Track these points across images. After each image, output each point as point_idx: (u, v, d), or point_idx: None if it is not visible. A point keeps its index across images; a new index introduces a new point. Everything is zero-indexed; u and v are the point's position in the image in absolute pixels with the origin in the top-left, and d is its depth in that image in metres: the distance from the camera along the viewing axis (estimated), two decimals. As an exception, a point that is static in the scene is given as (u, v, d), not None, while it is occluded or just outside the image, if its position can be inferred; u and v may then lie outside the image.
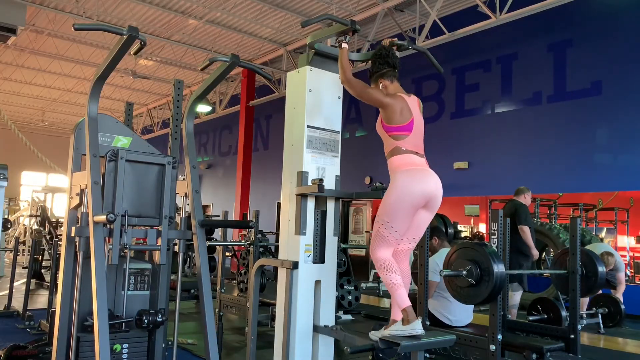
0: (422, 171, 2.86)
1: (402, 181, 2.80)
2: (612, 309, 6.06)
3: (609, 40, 8.32)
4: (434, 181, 2.86)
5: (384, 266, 2.82)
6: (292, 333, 3.06)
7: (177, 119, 3.36)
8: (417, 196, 2.79)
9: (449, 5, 10.07)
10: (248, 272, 5.56)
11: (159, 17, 11.40)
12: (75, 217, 2.89)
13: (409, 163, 2.85)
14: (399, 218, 2.80)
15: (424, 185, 2.81)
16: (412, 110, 2.94)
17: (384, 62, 3.04)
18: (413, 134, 2.90)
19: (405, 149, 2.87)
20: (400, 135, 2.89)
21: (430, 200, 2.86)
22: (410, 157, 2.87)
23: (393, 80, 3.06)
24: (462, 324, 4.12)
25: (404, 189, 2.79)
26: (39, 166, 19.10)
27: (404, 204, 2.78)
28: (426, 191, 2.81)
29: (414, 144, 2.91)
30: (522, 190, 6.02)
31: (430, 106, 10.74)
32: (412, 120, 2.90)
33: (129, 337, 2.78)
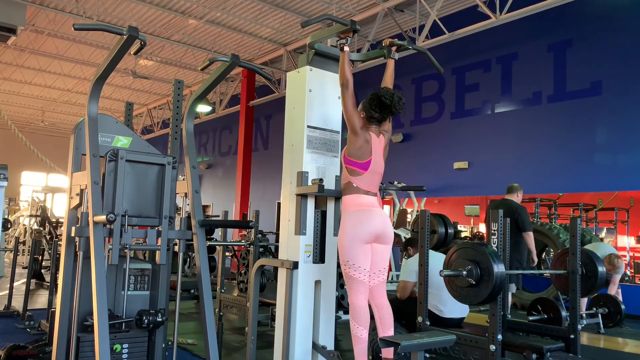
0: (368, 212, 3.01)
1: (350, 224, 2.99)
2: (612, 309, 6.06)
3: (609, 40, 8.32)
4: (380, 220, 3.04)
5: (355, 316, 2.97)
6: (292, 333, 3.06)
7: (177, 119, 3.36)
8: (365, 235, 2.97)
9: (449, 5, 10.07)
10: (248, 272, 5.56)
11: (159, 17, 11.40)
12: (75, 217, 2.89)
13: (357, 204, 3.02)
14: (358, 256, 2.97)
15: (370, 226, 2.98)
16: (373, 151, 3.05)
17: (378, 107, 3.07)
18: (369, 173, 3.04)
19: (357, 187, 3.03)
20: (355, 171, 3.04)
21: (380, 236, 3.05)
22: (360, 197, 3.03)
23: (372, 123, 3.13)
24: (457, 315, 4.12)
25: (352, 231, 2.97)
26: (39, 166, 19.09)
27: (356, 243, 2.96)
28: (374, 229, 3.00)
29: (368, 182, 3.05)
30: (516, 188, 5.92)
31: (430, 106, 10.74)
32: (370, 160, 3.04)
33: (129, 337, 2.78)
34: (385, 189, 6.59)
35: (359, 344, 2.95)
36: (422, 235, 3.93)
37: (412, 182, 8.86)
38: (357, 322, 2.95)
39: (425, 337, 2.75)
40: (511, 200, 5.89)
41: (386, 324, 3.04)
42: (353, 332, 2.97)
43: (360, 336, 2.94)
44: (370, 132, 3.08)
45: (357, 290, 2.97)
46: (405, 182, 8.05)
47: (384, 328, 3.03)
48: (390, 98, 3.03)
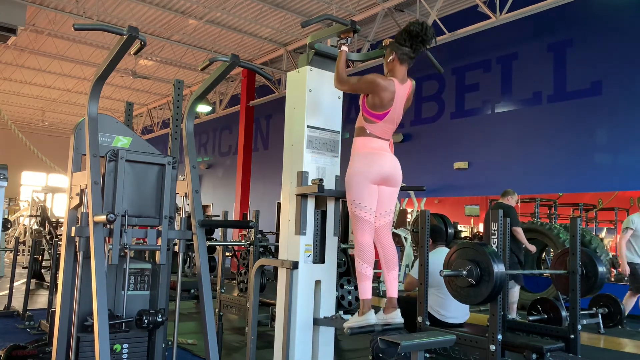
0: (378, 155, 3.01)
1: (359, 164, 3.01)
2: (612, 309, 6.06)
3: (609, 40, 8.32)
4: (389, 163, 3.04)
5: (361, 253, 2.97)
6: (292, 333, 3.06)
7: (177, 119, 3.36)
8: (373, 176, 2.98)
9: (449, 5, 10.07)
10: (248, 272, 5.56)
11: (159, 17, 11.40)
12: (75, 217, 2.89)
13: (367, 146, 3.03)
14: (365, 195, 2.97)
15: (379, 167, 2.99)
16: (395, 101, 3.03)
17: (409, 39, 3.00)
18: (384, 122, 3.04)
19: (370, 132, 3.04)
20: (371, 120, 3.03)
21: (389, 178, 3.05)
22: (371, 140, 3.03)
23: (403, 62, 3.08)
24: (457, 320, 4.12)
25: (360, 171, 2.99)
26: (39, 166, 19.09)
27: (363, 183, 2.97)
28: (382, 171, 3.00)
29: (382, 130, 3.06)
30: (508, 193, 6.33)
31: (430, 106, 10.74)
32: (389, 111, 3.02)
33: (129, 337, 2.78)
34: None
35: (364, 281, 2.96)
36: (422, 235, 3.93)
37: (412, 182, 8.84)
38: (362, 260, 2.96)
39: (425, 337, 2.76)
40: (502, 203, 6.28)
41: (391, 263, 3.06)
42: (358, 269, 2.97)
43: (365, 273, 2.95)
44: (394, 80, 3.03)
45: (362, 229, 2.98)
46: (405, 182, 8.02)
47: (388, 267, 3.05)
48: (420, 26, 2.97)
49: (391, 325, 2.96)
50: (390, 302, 2.99)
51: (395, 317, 2.94)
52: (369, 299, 2.95)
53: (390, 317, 2.94)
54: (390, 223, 3.13)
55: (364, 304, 2.94)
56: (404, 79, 3.09)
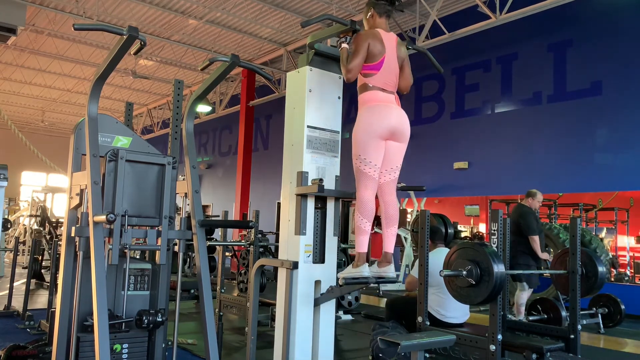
0: (385, 107, 3.02)
1: (366, 117, 3.00)
2: (613, 309, 6.06)
3: (609, 40, 8.32)
4: (396, 115, 3.04)
5: (361, 208, 2.98)
6: (292, 333, 3.06)
7: (177, 119, 3.36)
8: (381, 130, 2.98)
9: (449, 5, 10.07)
10: (248, 272, 5.56)
11: (159, 17, 11.40)
12: (75, 217, 2.89)
13: (373, 99, 3.03)
14: (371, 150, 2.98)
15: (386, 120, 2.99)
16: (386, 48, 3.04)
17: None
18: (382, 72, 3.04)
19: (372, 86, 3.04)
20: (369, 73, 3.05)
21: (396, 132, 3.05)
22: (376, 93, 3.04)
23: (382, 15, 3.14)
24: (457, 320, 4.12)
25: (367, 125, 2.98)
26: (39, 166, 19.09)
27: (370, 137, 2.97)
28: (389, 125, 3.00)
29: (383, 81, 3.06)
30: (529, 194, 6.05)
31: (430, 106, 10.74)
32: (383, 59, 3.03)
33: (129, 337, 2.78)
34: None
35: (362, 235, 3.00)
36: (422, 235, 3.93)
37: (412, 182, 8.83)
38: (362, 214, 2.97)
39: (425, 337, 2.76)
40: (522, 205, 6.04)
41: (391, 219, 3.08)
42: (357, 223, 2.99)
43: (364, 228, 2.98)
44: (379, 30, 3.06)
45: (365, 185, 2.99)
46: (405, 182, 8.03)
47: (388, 223, 3.08)
48: None
49: (384, 278, 3.05)
50: (385, 256, 3.05)
51: (389, 271, 3.02)
52: (364, 252, 3.00)
53: (384, 271, 3.02)
54: (396, 180, 3.14)
55: (359, 257, 3.00)
56: (387, 29, 3.13)
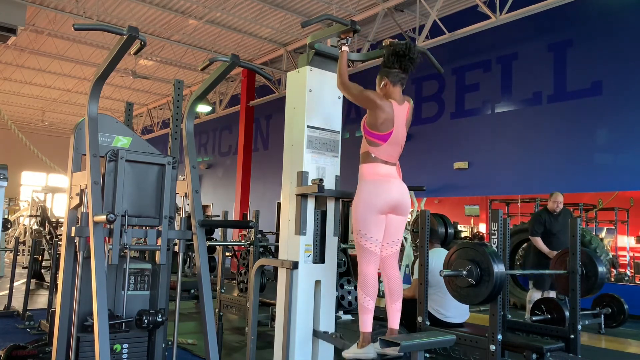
0: (385, 182, 2.95)
1: (366, 192, 2.93)
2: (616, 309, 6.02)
3: (609, 40, 8.32)
4: (397, 190, 2.96)
5: (364, 285, 2.92)
6: (292, 333, 3.06)
7: (177, 119, 3.36)
8: (381, 205, 2.91)
9: (449, 5, 10.07)
10: (248, 272, 5.56)
11: (159, 17, 11.40)
12: (75, 217, 2.89)
13: (374, 173, 2.95)
14: (371, 226, 2.91)
15: (387, 195, 2.92)
16: (396, 122, 2.97)
17: (397, 61, 3.00)
18: (388, 144, 2.97)
19: (375, 157, 2.96)
20: (375, 142, 2.96)
21: (397, 207, 2.98)
22: (378, 166, 2.96)
23: (396, 84, 3.05)
24: (457, 320, 4.12)
25: (367, 200, 2.91)
26: (39, 166, 19.09)
27: (371, 212, 2.90)
28: (390, 200, 2.93)
29: (387, 153, 2.99)
30: (551, 195, 6.10)
31: (430, 106, 10.74)
32: (391, 132, 2.96)
33: (129, 337, 2.78)
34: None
35: (365, 314, 2.91)
36: (422, 235, 3.93)
37: (412, 182, 8.83)
38: (364, 292, 2.91)
39: (425, 337, 2.76)
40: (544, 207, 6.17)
41: (395, 295, 3.00)
42: (360, 301, 2.92)
43: (367, 306, 2.90)
44: (392, 101, 2.98)
45: (367, 260, 2.93)
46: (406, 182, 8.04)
47: (392, 298, 2.99)
48: (404, 45, 2.97)
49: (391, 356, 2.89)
50: (390, 332, 2.94)
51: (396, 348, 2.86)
52: (369, 332, 2.90)
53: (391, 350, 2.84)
54: (397, 253, 3.06)
55: (363, 337, 2.89)
56: (401, 100, 3.05)
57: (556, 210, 5.99)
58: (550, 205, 6.03)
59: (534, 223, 5.98)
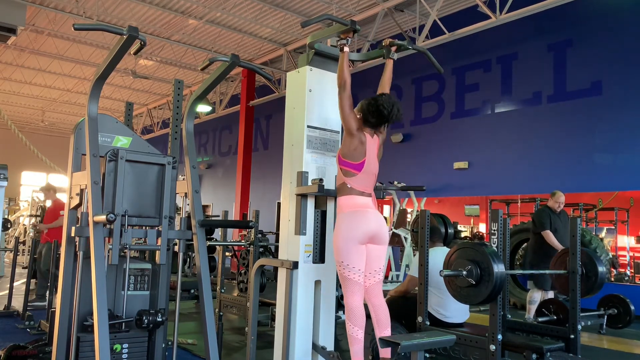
0: (363, 213, 3.00)
1: (345, 225, 2.99)
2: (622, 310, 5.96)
3: (609, 40, 8.32)
4: (374, 220, 3.03)
5: (351, 316, 2.97)
6: (292, 333, 3.06)
7: (177, 119, 3.36)
8: (360, 235, 2.97)
9: (449, 5, 10.07)
10: (248, 272, 5.56)
11: (159, 17, 11.40)
12: (75, 217, 2.89)
13: (351, 205, 3.01)
14: (352, 256, 2.96)
15: (365, 226, 2.98)
16: (368, 152, 3.04)
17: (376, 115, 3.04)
18: (362, 173, 3.03)
19: (351, 187, 3.02)
20: (349, 172, 3.03)
21: (375, 237, 3.04)
22: (355, 198, 3.02)
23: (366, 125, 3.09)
24: (457, 320, 4.11)
25: (346, 232, 2.97)
26: (39, 166, 19.08)
27: (350, 244, 2.95)
28: (368, 230, 2.99)
29: (363, 183, 3.04)
30: (552, 194, 6.14)
31: (430, 106, 10.74)
32: (364, 161, 3.03)
33: (129, 337, 2.78)
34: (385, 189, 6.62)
35: (355, 345, 2.95)
36: (422, 235, 3.93)
37: (412, 182, 8.87)
38: (352, 323, 2.95)
39: (425, 337, 2.75)
40: (544, 205, 6.21)
41: (383, 324, 3.03)
42: (349, 332, 2.96)
43: (356, 337, 2.94)
44: (365, 133, 3.06)
45: (352, 291, 2.97)
46: (405, 182, 8.05)
47: (380, 328, 3.03)
48: (390, 109, 3.00)
49: None
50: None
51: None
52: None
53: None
54: (381, 282, 3.11)
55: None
56: (372, 134, 3.12)
57: (557, 209, 6.01)
58: (551, 203, 6.06)
59: (542, 218, 5.96)
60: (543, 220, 5.93)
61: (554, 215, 5.98)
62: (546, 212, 6.00)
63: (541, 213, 6.02)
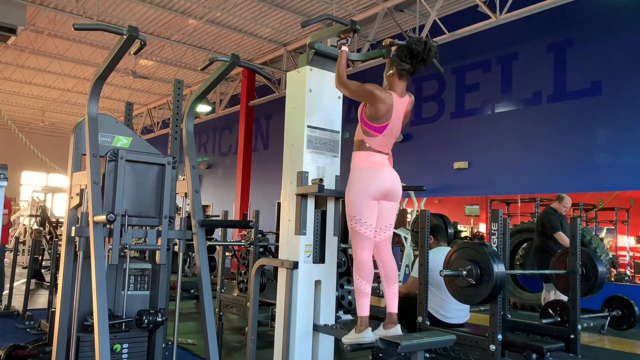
0: (377, 169, 2.99)
1: (358, 180, 2.98)
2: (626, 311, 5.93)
3: (609, 40, 8.32)
4: (389, 177, 3.01)
5: (360, 270, 2.95)
6: (292, 333, 3.06)
7: (177, 119, 3.36)
8: (373, 191, 2.96)
9: (449, 5, 10.07)
10: (248, 272, 5.56)
11: (159, 17, 11.40)
12: (75, 217, 2.89)
13: (367, 161, 2.99)
14: (364, 211, 2.95)
15: (379, 183, 2.97)
16: (394, 114, 2.98)
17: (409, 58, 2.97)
18: (383, 135, 3.00)
19: (369, 146, 3.00)
20: (370, 133, 3.00)
21: (389, 193, 3.03)
22: (371, 155, 3.00)
23: (402, 77, 3.04)
24: (458, 321, 4.11)
25: (360, 187, 2.96)
26: (39, 166, 19.10)
27: (363, 198, 2.95)
28: (382, 186, 2.98)
29: (381, 143, 3.02)
30: (558, 197, 6.12)
31: (430, 106, 10.74)
32: (387, 124, 2.98)
33: (129, 337, 2.78)
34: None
35: (362, 298, 2.95)
36: (422, 235, 3.93)
37: (412, 182, 8.85)
38: (361, 277, 2.93)
39: (425, 337, 2.76)
40: (548, 207, 6.20)
41: (391, 279, 3.04)
42: (356, 286, 2.95)
43: (363, 290, 2.93)
44: (393, 94, 2.98)
45: (362, 246, 2.96)
46: (405, 182, 8.01)
47: (388, 283, 3.03)
48: (423, 45, 2.92)
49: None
50: (390, 317, 2.95)
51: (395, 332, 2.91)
52: (366, 316, 2.93)
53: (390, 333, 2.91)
54: (390, 238, 3.10)
55: (361, 321, 2.91)
56: (402, 93, 3.04)
57: (563, 213, 6.04)
58: (557, 206, 6.05)
59: (552, 220, 5.95)
60: (554, 223, 5.90)
61: (560, 217, 5.99)
62: (555, 215, 5.99)
63: (550, 216, 6.00)
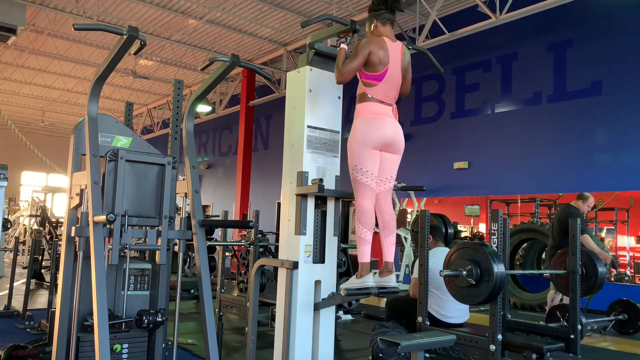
0: (380, 119, 3.02)
1: (360, 129, 3.02)
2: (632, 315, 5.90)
3: (609, 40, 8.32)
4: (390, 127, 3.04)
5: (362, 217, 2.99)
6: (292, 333, 3.06)
7: (177, 119, 3.36)
8: (375, 141, 3.00)
9: (449, 5, 10.07)
10: (248, 272, 5.56)
11: (159, 17, 11.40)
12: (75, 217, 2.89)
13: (369, 111, 3.03)
14: (366, 160, 3.00)
15: (381, 132, 3.00)
16: (391, 59, 3.02)
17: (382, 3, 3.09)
18: (383, 83, 3.03)
19: (371, 97, 3.03)
20: (370, 83, 3.04)
21: (391, 144, 3.06)
22: (374, 105, 3.03)
23: (385, 23, 3.12)
24: (458, 321, 4.12)
25: (362, 136, 3.00)
26: (39, 166, 19.11)
27: (364, 148, 2.99)
28: (384, 137, 3.01)
29: (383, 92, 3.05)
30: (581, 196, 5.90)
31: (430, 106, 10.74)
32: (386, 70, 3.02)
33: (129, 337, 2.78)
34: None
35: (363, 245, 3.01)
36: (422, 235, 3.93)
37: (412, 182, 8.85)
38: (362, 224, 2.98)
39: (425, 337, 2.76)
40: (570, 205, 5.91)
41: (389, 228, 3.10)
42: (358, 233, 3.00)
43: (364, 237, 2.99)
44: (385, 38, 3.05)
45: (364, 195, 3.01)
46: (405, 182, 8.03)
47: (386, 232, 3.10)
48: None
49: (386, 288, 3.05)
50: (386, 266, 3.05)
51: (390, 280, 3.02)
52: (367, 262, 3.01)
53: (385, 281, 3.02)
54: (391, 189, 3.16)
55: (362, 267, 2.99)
56: (393, 38, 3.11)
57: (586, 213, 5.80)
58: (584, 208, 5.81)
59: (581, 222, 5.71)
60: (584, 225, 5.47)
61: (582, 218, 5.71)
62: (581, 216, 5.68)
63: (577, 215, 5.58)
